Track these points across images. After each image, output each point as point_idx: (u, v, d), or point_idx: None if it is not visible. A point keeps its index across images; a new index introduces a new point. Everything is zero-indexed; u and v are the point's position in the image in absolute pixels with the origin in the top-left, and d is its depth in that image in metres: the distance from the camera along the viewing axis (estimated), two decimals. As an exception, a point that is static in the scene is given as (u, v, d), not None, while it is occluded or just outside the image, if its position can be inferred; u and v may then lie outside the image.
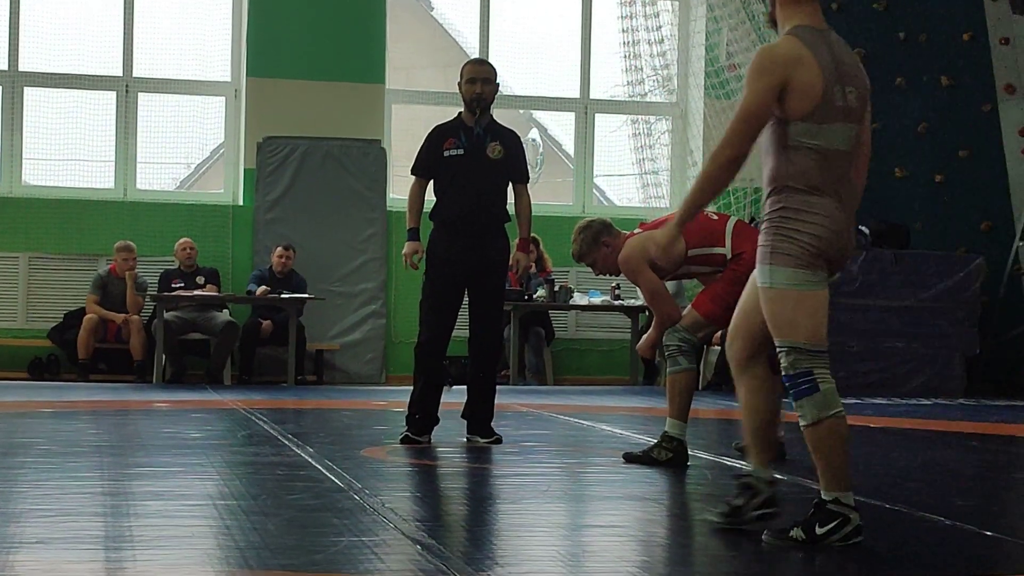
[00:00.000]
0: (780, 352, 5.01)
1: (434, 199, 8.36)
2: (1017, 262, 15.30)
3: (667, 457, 7.15)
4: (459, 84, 8.36)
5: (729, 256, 7.27)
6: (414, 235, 8.34)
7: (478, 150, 8.21)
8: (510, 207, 8.36)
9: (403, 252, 8.40)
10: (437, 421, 8.22)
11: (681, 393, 7.24)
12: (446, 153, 8.26)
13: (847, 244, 5.11)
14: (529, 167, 8.63)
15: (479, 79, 8.23)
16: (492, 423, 8.32)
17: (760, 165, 5.19)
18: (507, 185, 8.33)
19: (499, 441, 8.21)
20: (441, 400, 8.25)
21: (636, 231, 7.46)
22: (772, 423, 5.40)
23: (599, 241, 7.41)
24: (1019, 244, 15.21)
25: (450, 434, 8.81)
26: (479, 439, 8.21)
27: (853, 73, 5.32)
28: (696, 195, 5.13)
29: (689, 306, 7.37)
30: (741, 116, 5.07)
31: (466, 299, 8.33)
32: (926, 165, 15.62)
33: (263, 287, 13.44)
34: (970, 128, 15.64)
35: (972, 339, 14.38)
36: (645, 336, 7.69)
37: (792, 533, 4.99)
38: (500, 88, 8.60)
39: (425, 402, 8.18)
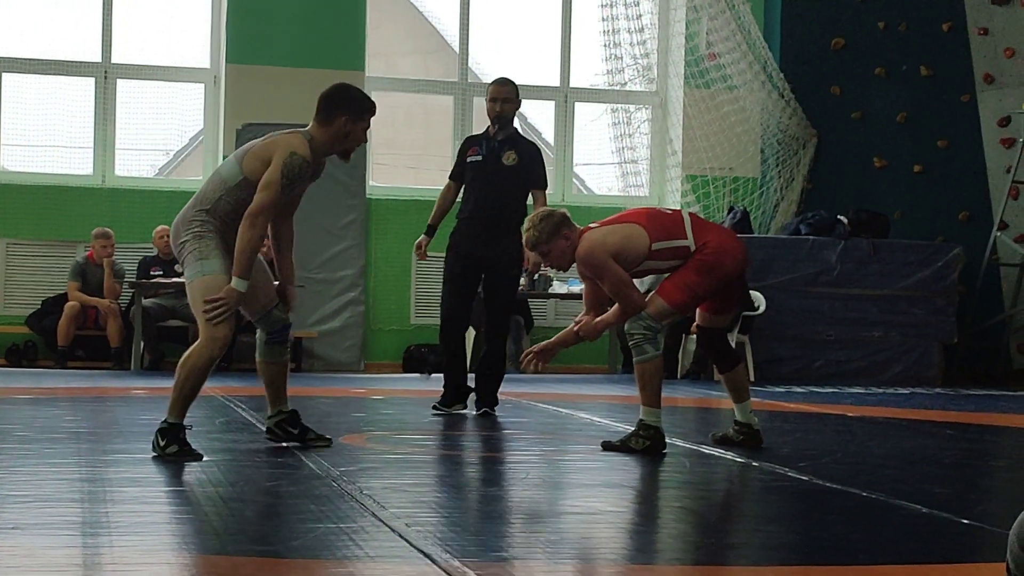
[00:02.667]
0: None
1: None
2: (995, 251, 15.36)
3: (644, 446, 7.15)
4: (485, 102, 9.45)
5: (693, 248, 7.23)
6: (430, 231, 9.47)
7: (495, 157, 9.18)
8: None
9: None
10: (468, 392, 9.19)
11: (651, 380, 7.22)
12: (468, 159, 9.25)
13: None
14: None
15: (499, 99, 9.29)
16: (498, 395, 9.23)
17: (739, 153, 5.26)
18: (523, 189, 9.24)
19: (495, 405, 9.11)
20: (466, 371, 9.30)
21: (592, 225, 7.41)
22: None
23: (559, 232, 7.27)
24: (997, 234, 15.26)
25: (428, 421, 8.81)
26: (483, 407, 9.10)
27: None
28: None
29: (654, 293, 7.31)
30: None
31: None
32: (905, 155, 15.66)
33: None
34: (949, 118, 15.69)
35: (950, 328, 14.43)
36: (599, 319, 7.51)
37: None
38: (481, 77, 9.07)
39: (452, 375, 9.18)
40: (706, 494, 6.28)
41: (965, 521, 5.29)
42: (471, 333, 14.02)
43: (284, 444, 6.98)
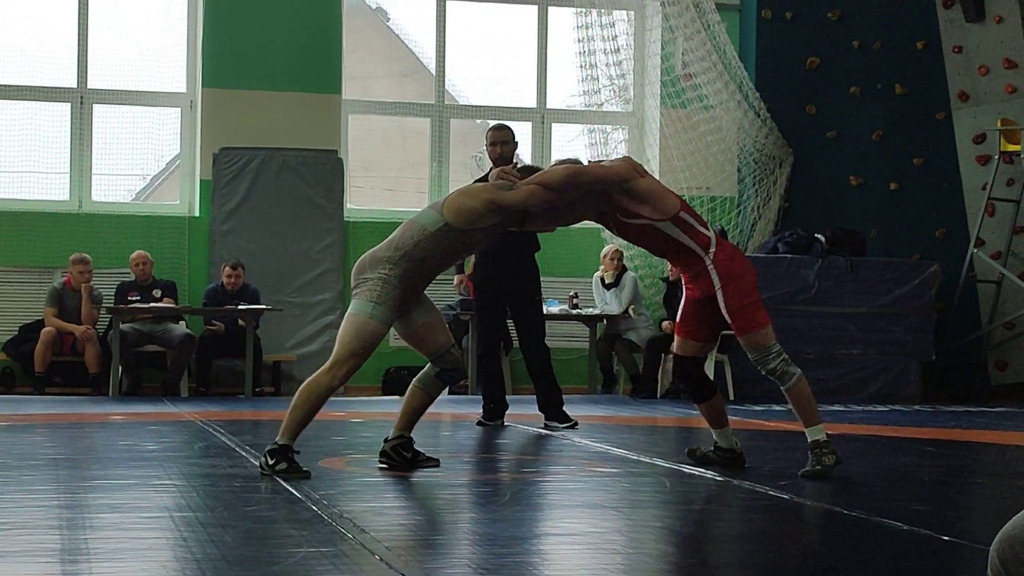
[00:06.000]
0: None
1: None
2: (972, 269, 15.40)
3: (835, 460, 7.16)
4: (486, 146, 10.10)
5: (712, 242, 7.18)
6: (459, 268, 11.32)
7: None
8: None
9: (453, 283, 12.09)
10: (507, 406, 10.16)
11: (809, 399, 7.22)
12: None
13: None
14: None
15: (499, 142, 9.89)
16: (563, 408, 10.04)
17: (716, 173, 5.31)
18: None
19: (575, 426, 9.83)
20: (503, 389, 10.27)
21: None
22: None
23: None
24: (973, 250, 15.30)
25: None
26: (557, 424, 9.88)
27: None
28: None
29: (751, 334, 7.17)
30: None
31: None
32: (881, 173, 15.72)
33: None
34: (924, 136, 15.75)
35: (927, 345, 14.46)
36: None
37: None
38: (457, 99, 9.33)
39: (493, 394, 10.10)
40: (687, 513, 6.28)
41: (946, 538, 5.29)
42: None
43: (390, 467, 7.21)
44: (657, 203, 7.11)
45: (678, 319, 7.51)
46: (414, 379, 7.33)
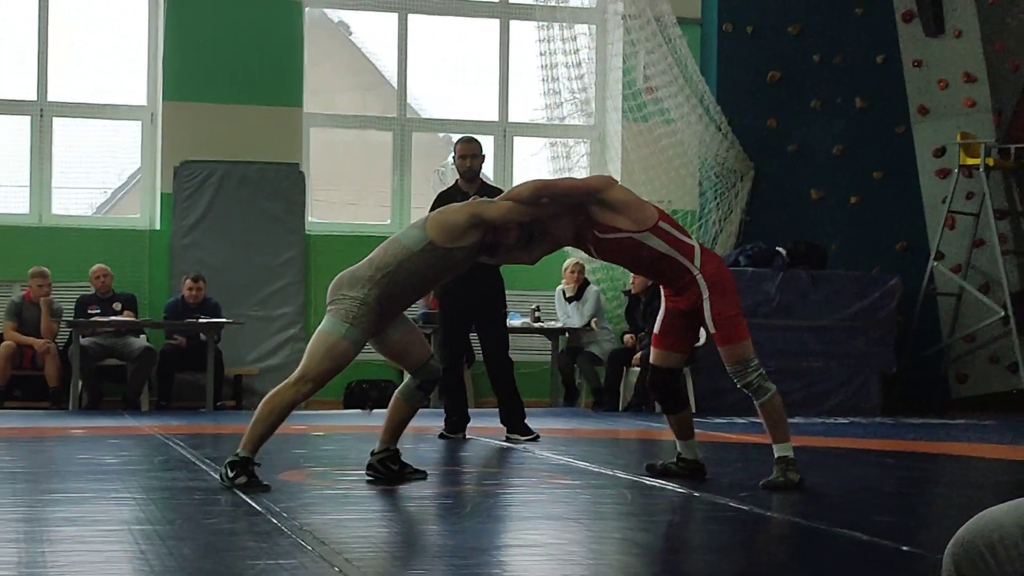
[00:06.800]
0: None
1: None
2: (932, 282, 15.47)
3: (799, 478, 7.17)
4: (454, 158, 10.19)
5: (697, 251, 7.16)
6: None
7: None
8: None
9: None
10: (468, 419, 10.22)
11: (783, 414, 7.32)
12: None
13: None
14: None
15: (468, 155, 9.99)
16: (525, 421, 10.07)
17: (677, 186, 5.29)
18: None
19: (536, 439, 9.86)
20: (466, 403, 10.38)
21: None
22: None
23: None
24: (934, 263, 15.38)
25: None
26: (519, 437, 9.91)
27: None
28: None
29: (731, 345, 7.19)
30: None
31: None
32: (842, 186, 15.78)
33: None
34: (885, 149, 15.83)
35: (889, 358, 14.51)
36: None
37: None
38: (419, 113, 9.38)
39: (456, 407, 10.17)
40: (648, 525, 6.28)
41: (906, 548, 5.31)
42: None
43: (377, 480, 7.22)
44: (634, 214, 7.09)
45: (656, 331, 7.48)
46: (395, 392, 7.34)
